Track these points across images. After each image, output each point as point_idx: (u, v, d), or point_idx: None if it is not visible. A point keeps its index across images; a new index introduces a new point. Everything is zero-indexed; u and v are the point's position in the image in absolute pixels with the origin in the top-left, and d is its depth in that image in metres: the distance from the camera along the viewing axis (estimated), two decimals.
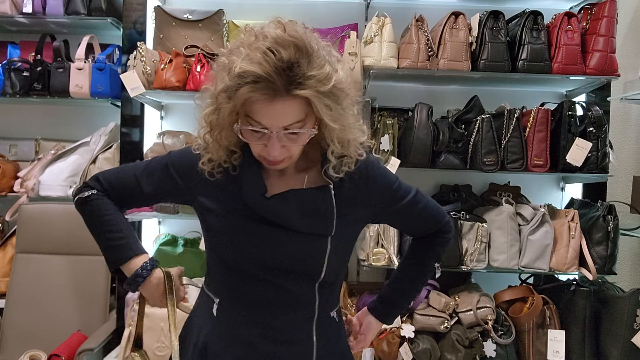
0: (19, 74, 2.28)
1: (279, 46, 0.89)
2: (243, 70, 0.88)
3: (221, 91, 0.93)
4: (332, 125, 0.95)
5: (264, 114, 0.92)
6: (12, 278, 2.20)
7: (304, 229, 1.03)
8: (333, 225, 1.05)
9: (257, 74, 0.88)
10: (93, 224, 1.12)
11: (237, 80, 0.90)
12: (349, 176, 1.06)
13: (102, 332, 2.04)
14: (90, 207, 1.11)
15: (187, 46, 2.16)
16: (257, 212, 1.03)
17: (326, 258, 1.06)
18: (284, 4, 2.33)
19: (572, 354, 1.95)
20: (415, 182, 2.30)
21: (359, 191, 1.08)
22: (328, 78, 0.92)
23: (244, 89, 0.89)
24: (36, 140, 2.51)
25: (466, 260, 1.99)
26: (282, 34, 0.91)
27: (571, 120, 2.02)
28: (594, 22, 2.03)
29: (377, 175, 1.11)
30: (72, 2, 2.25)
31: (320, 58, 0.92)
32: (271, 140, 0.94)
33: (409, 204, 1.15)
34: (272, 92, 0.89)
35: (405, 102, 2.24)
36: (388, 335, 1.93)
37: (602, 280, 2.08)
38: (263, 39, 0.91)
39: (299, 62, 0.89)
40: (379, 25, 2.03)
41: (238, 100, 0.91)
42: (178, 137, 2.21)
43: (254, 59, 0.88)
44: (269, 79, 0.88)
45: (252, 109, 0.93)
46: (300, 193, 1.05)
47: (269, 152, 0.96)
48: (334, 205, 1.05)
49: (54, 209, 2.24)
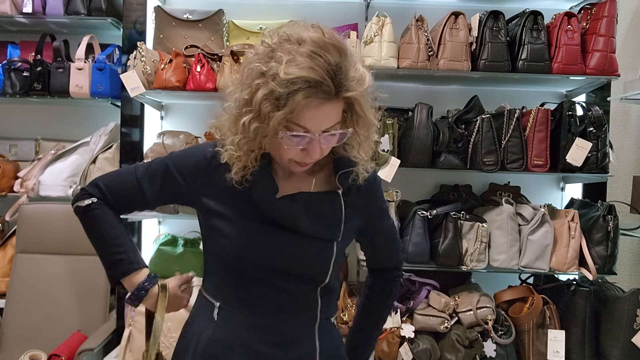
0: (19, 74, 2.29)
1: (322, 50, 0.88)
2: (296, 76, 0.86)
3: (264, 99, 0.89)
4: (372, 121, 1.00)
5: (311, 118, 0.91)
6: (12, 278, 2.20)
7: (312, 233, 1.04)
8: (341, 231, 1.07)
9: (312, 78, 0.87)
10: (93, 236, 1.13)
11: (289, 86, 0.87)
12: (356, 185, 1.08)
13: (102, 332, 2.04)
14: (90, 218, 1.11)
15: (187, 46, 2.16)
16: (265, 214, 1.03)
17: (332, 263, 1.06)
18: (284, 4, 2.32)
19: (572, 354, 1.95)
20: (415, 182, 2.36)
21: (362, 200, 1.11)
22: (363, 78, 0.94)
23: (299, 95, 0.87)
24: (36, 140, 2.52)
25: (466, 260, 1.99)
26: (322, 37, 0.90)
27: (571, 120, 2.02)
28: (594, 22, 2.03)
29: (378, 189, 1.17)
30: (72, 2, 2.25)
31: (354, 58, 0.94)
32: (313, 144, 0.94)
33: (386, 227, 1.21)
34: (327, 96, 0.89)
35: (405, 102, 2.24)
36: (388, 335, 1.93)
37: (602, 280, 2.08)
38: (300, 42, 0.89)
39: (342, 65, 0.90)
40: (379, 25, 2.04)
41: (294, 106, 0.88)
42: (178, 137, 2.21)
43: (302, 63, 0.87)
44: (324, 83, 0.88)
45: (299, 115, 0.90)
46: (309, 196, 1.06)
47: (309, 154, 0.96)
48: (343, 212, 1.07)
49: (54, 209, 2.24)
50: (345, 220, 1.07)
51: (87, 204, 1.09)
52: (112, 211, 1.12)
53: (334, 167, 1.08)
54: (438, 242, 1.99)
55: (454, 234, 1.98)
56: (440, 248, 1.98)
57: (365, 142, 1.04)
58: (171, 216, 2.15)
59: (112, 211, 1.12)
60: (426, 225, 2.02)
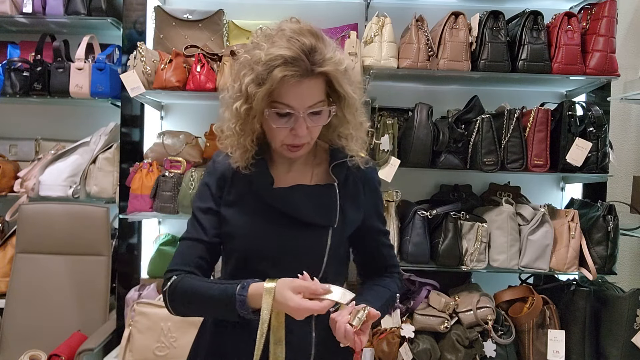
0: (19, 74, 2.29)
1: (298, 34, 1.00)
2: (273, 54, 0.98)
3: (250, 82, 1.01)
4: (353, 95, 1.06)
5: (294, 94, 1.01)
6: (12, 278, 2.20)
7: (308, 218, 1.10)
8: (336, 217, 1.12)
9: (288, 55, 0.97)
10: (194, 299, 1.06)
11: (268, 64, 0.98)
12: (353, 178, 1.16)
13: (102, 332, 2.04)
14: (180, 290, 1.07)
15: (187, 46, 2.16)
16: (266, 201, 1.10)
17: (327, 251, 1.10)
18: (284, 4, 2.33)
19: (572, 354, 1.95)
20: (415, 182, 2.36)
21: (359, 193, 1.17)
22: (341, 61, 1.04)
23: (277, 70, 0.97)
24: (36, 140, 2.52)
25: (466, 260, 1.99)
26: (298, 25, 1.03)
27: (571, 120, 2.02)
28: (594, 22, 2.03)
29: (376, 186, 1.22)
30: (72, 2, 2.26)
31: (331, 45, 1.04)
32: (298, 121, 1.03)
33: (379, 229, 1.23)
34: (302, 71, 0.99)
35: (405, 102, 2.24)
36: (388, 335, 1.93)
37: (602, 280, 2.08)
38: (282, 31, 1.02)
39: (318, 47, 1.00)
40: (379, 25, 2.03)
41: (273, 81, 0.98)
42: (178, 137, 2.21)
43: (281, 45, 0.99)
44: (299, 58, 0.98)
45: (281, 92, 1.00)
46: (306, 187, 1.13)
47: (296, 132, 1.04)
48: (338, 199, 1.13)
49: (54, 209, 2.24)
50: (341, 208, 1.12)
51: (170, 283, 1.08)
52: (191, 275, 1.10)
53: (330, 160, 1.16)
54: (438, 242, 2.00)
55: (454, 234, 1.98)
56: (440, 248, 1.98)
57: (356, 131, 1.12)
58: (171, 216, 2.15)
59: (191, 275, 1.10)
60: (426, 225, 2.02)
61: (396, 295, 1.20)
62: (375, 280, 1.22)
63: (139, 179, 2.11)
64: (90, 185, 2.30)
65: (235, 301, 1.00)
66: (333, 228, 1.11)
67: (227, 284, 1.03)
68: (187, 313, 1.13)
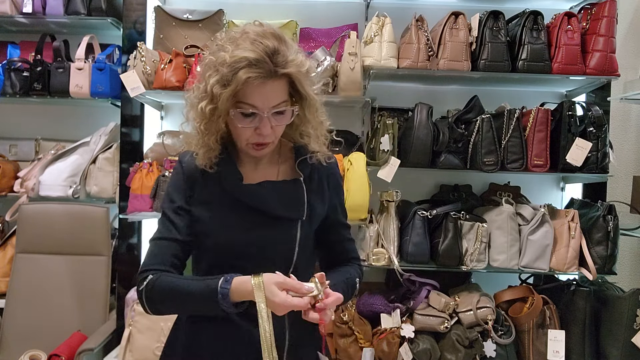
0: (19, 74, 2.29)
1: (261, 37, 1.03)
2: (238, 57, 1.01)
3: (214, 83, 1.03)
4: (315, 97, 1.11)
5: (258, 94, 1.04)
6: (12, 278, 2.20)
7: (278, 212, 1.14)
8: (304, 209, 1.16)
9: (252, 57, 1.01)
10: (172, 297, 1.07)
11: (233, 66, 1.01)
12: (317, 173, 1.21)
13: (102, 332, 2.04)
14: (157, 289, 1.08)
15: (187, 46, 2.16)
16: (235, 197, 1.14)
17: (297, 243, 1.15)
18: (284, 4, 2.32)
19: (572, 354, 1.95)
20: (415, 182, 2.36)
21: (324, 187, 1.22)
22: (303, 63, 1.07)
23: (241, 72, 1.00)
24: (36, 140, 2.52)
25: (466, 260, 1.99)
26: (262, 28, 1.06)
27: (571, 120, 2.02)
28: (594, 22, 2.03)
29: (339, 181, 1.28)
30: (72, 2, 2.26)
31: (293, 48, 1.08)
32: (263, 121, 1.07)
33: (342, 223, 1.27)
34: (266, 72, 1.02)
35: (405, 102, 2.24)
36: (388, 335, 1.93)
37: (602, 280, 2.08)
38: (245, 34, 1.04)
39: (280, 49, 1.04)
40: (379, 25, 2.04)
41: (237, 83, 1.01)
42: (178, 137, 2.21)
43: (245, 47, 1.02)
44: (262, 60, 1.01)
45: (245, 93, 1.04)
46: (274, 183, 1.18)
47: (261, 131, 1.08)
48: (305, 192, 1.18)
49: (54, 209, 2.24)
50: (309, 202, 1.17)
51: (146, 282, 1.09)
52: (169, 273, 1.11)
53: (295, 157, 1.21)
54: (438, 242, 2.00)
55: (454, 234, 1.98)
56: (440, 248, 1.98)
57: (316, 130, 1.17)
58: None
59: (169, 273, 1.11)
60: (426, 225, 2.02)
61: (356, 280, 1.23)
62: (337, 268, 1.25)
63: (139, 179, 2.11)
64: (90, 185, 2.30)
65: (218, 294, 1.01)
66: (302, 220, 1.16)
67: (208, 279, 1.05)
68: (164, 311, 1.13)
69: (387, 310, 2.00)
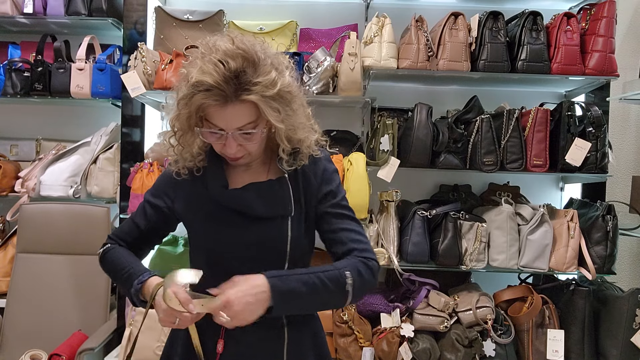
0: (20, 74, 2.29)
1: (228, 57, 1.00)
2: (196, 80, 1.00)
3: (181, 99, 1.05)
4: (279, 125, 1.06)
5: (219, 117, 1.04)
6: (12, 278, 2.21)
7: (265, 213, 1.13)
8: (291, 205, 1.14)
9: (209, 83, 0.99)
10: (112, 273, 1.22)
11: (192, 89, 1.01)
12: (302, 169, 1.17)
13: (102, 332, 2.05)
14: (108, 259, 1.21)
15: (187, 46, 2.16)
16: (222, 204, 1.14)
17: (289, 241, 1.13)
18: (284, 5, 2.33)
19: (572, 354, 1.96)
20: (415, 182, 2.37)
21: (310, 181, 1.18)
22: (273, 83, 1.02)
23: (197, 97, 1.01)
24: (37, 141, 2.52)
25: (466, 260, 2.00)
26: (231, 46, 1.02)
27: (570, 121, 2.03)
28: (593, 23, 2.03)
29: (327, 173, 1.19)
30: (72, 2, 2.26)
31: (266, 65, 1.03)
32: (228, 141, 1.06)
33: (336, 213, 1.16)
34: (222, 98, 1.00)
35: (405, 102, 2.24)
36: (388, 335, 1.94)
37: (601, 280, 2.09)
38: (215, 51, 1.02)
39: (245, 71, 1.00)
40: (378, 26, 2.04)
41: (193, 107, 1.03)
42: None
43: (206, 69, 1.00)
44: (218, 87, 0.99)
45: (208, 113, 1.04)
46: (260, 184, 1.16)
47: (226, 150, 1.08)
48: (290, 189, 1.15)
49: (54, 209, 2.24)
50: (295, 198, 1.15)
51: (103, 249, 1.22)
52: (122, 248, 1.22)
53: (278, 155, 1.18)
54: (438, 242, 2.00)
55: (453, 233, 1.99)
56: (439, 248, 1.98)
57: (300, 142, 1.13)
58: None
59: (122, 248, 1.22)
60: (426, 225, 2.03)
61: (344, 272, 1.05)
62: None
63: (139, 179, 2.11)
64: (91, 185, 2.30)
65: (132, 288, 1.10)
66: (291, 217, 1.14)
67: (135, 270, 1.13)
68: (109, 277, 1.25)
69: (387, 310, 2.01)
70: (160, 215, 1.21)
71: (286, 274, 1.04)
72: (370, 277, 1.09)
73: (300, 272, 1.05)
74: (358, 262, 1.09)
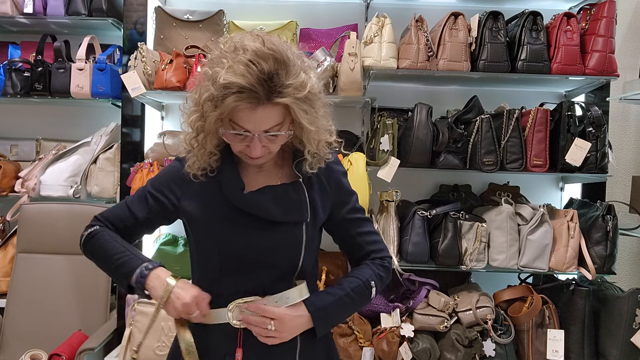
0: (20, 74, 2.29)
1: (259, 58, 0.97)
2: (228, 81, 0.96)
3: (206, 100, 1.01)
4: (309, 127, 1.05)
5: (247, 120, 1.01)
6: (13, 278, 2.21)
7: (281, 218, 1.11)
8: (308, 211, 1.13)
9: (242, 85, 0.96)
10: (100, 258, 1.17)
11: (222, 90, 0.97)
12: (316, 173, 1.16)
13: (102, 332, 2.05)
14: (95, 243, 1.17)
15: (187, 46, 2.17)
16: (237, 206, 1.11)
17: (303, 246, 1.12)
18: (284, 5, 2.33)
19: (572, 354, 1.96)
20: (415, 182, 2.37)
21: (324, 186, 1.18)
22: (303, 85, 1.01)
23: (230, 99, 0.97)
24: (37, 141, 2.52)
25: (465, 260, 2.00)
26: (261, 46, 0.98)
27: (570, 121, 2.03)
28: (593, 23, 2.03)
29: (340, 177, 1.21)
30: (72, 2, 2.26)
31: (296, 67, 1.01)
32: (253, 142, 1.04)
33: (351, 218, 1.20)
34: (255, 100, 0.98)
35: (405, 102, 2.24)
36: (388, 335, 1.94)
37: (601, 280, 2.09)
38: (244, 51, 0.98)
39: (278, 73, 0.98)
40: (378, 26, 2.04)
41: (225, 109, 0.99)
42: (178, 137, 2.21)
43: (237, 70, 0.96)
44: (252, 89, 0.96)
45: (236, 115, 1.01)
46: (275, 188, 1.14)
47: (250, 152, 1.05)
48: (306, 194, 1.14)
49: (54, 209, 2.24)
50: (311, 204, 1.14)
51: (89, 231, 1.18)
52: (113, 233, 1.18)
53: (293, 159, 1.17)
54: (438, 241, 2.00)
55: (453, 233, 1.99)
56: (439, 248, 1.98)
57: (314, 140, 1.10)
58: None
59: (113, 233, 1.18)
60: (426, 225, 2.03)
61: (370, 283, 1.15)
62: (350, 272, 1.20)
63: (139, 179, 2.11)
64: (91, 185, 2.30)
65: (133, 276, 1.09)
66: (306, 222, 1.13)
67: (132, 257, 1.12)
68: (92, 262, 1.20)
69: (387, 310, 2.01)
70: (162, 210, 1.18)
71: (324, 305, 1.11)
72: (388, 275, 1.20)
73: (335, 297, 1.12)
74: (378, 267, 1.18)
